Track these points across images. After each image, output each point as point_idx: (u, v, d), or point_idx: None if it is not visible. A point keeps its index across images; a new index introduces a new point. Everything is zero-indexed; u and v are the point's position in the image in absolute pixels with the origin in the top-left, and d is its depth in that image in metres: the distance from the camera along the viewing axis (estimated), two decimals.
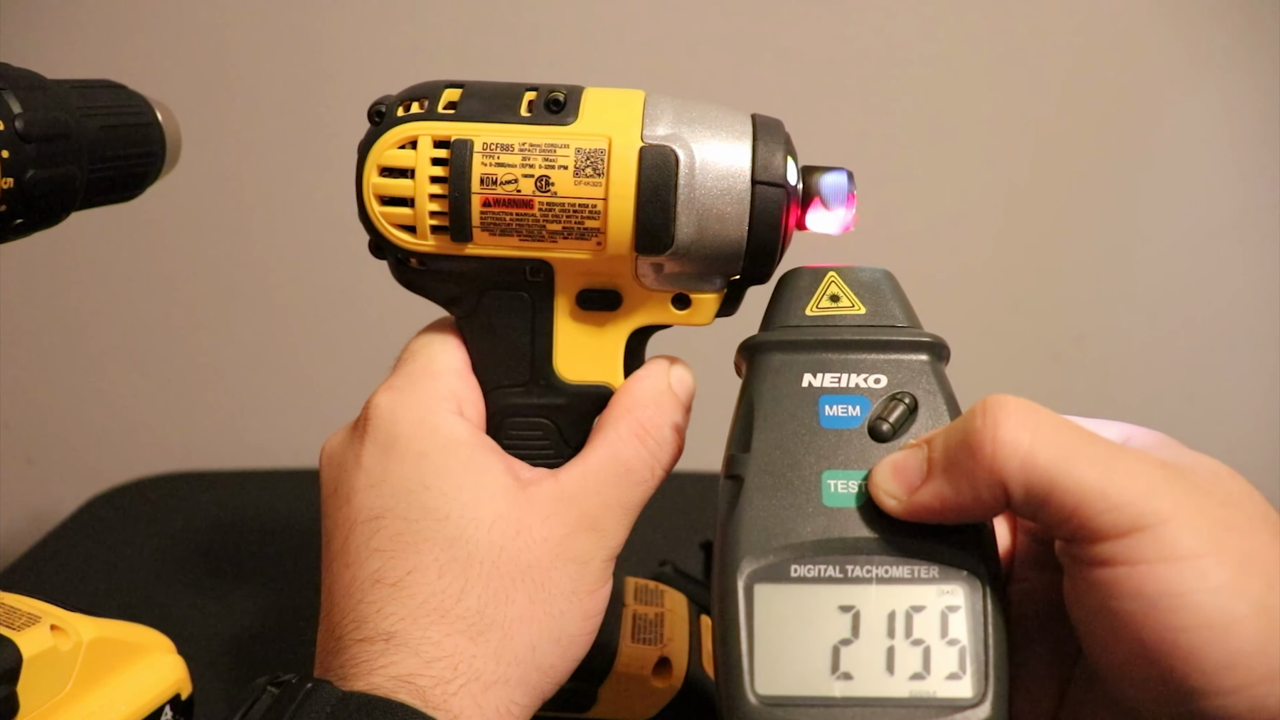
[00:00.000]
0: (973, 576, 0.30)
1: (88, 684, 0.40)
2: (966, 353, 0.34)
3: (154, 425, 0.87)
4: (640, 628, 0.45)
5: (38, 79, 0.37)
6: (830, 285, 0.35)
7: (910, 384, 0.32)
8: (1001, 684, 0.29)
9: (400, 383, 0.37)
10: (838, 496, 0.31)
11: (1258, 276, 0.81)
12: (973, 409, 0.29)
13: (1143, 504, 0.26)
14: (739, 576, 0.30)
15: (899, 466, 0.30)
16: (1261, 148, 0.77)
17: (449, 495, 0.34)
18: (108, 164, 0.40)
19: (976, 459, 0.28)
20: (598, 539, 0.35)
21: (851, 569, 0.30)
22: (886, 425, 0.32)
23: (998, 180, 0.79)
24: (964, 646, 0.29)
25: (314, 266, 0.81)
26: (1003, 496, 0.28)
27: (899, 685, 0.29)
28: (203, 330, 0.84)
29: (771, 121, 0.37)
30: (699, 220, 0.35)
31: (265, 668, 0.35)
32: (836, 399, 0.32)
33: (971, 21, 0.75)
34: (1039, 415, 0.28)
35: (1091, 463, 0.27)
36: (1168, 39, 0.75)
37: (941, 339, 0.33)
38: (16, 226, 0.36)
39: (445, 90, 0.36)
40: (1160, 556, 0.26)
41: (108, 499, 0.77)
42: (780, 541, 0.30)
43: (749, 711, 0.28)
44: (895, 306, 0.34)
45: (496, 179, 0.35)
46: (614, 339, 0.39)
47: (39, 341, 0.84)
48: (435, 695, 0.31)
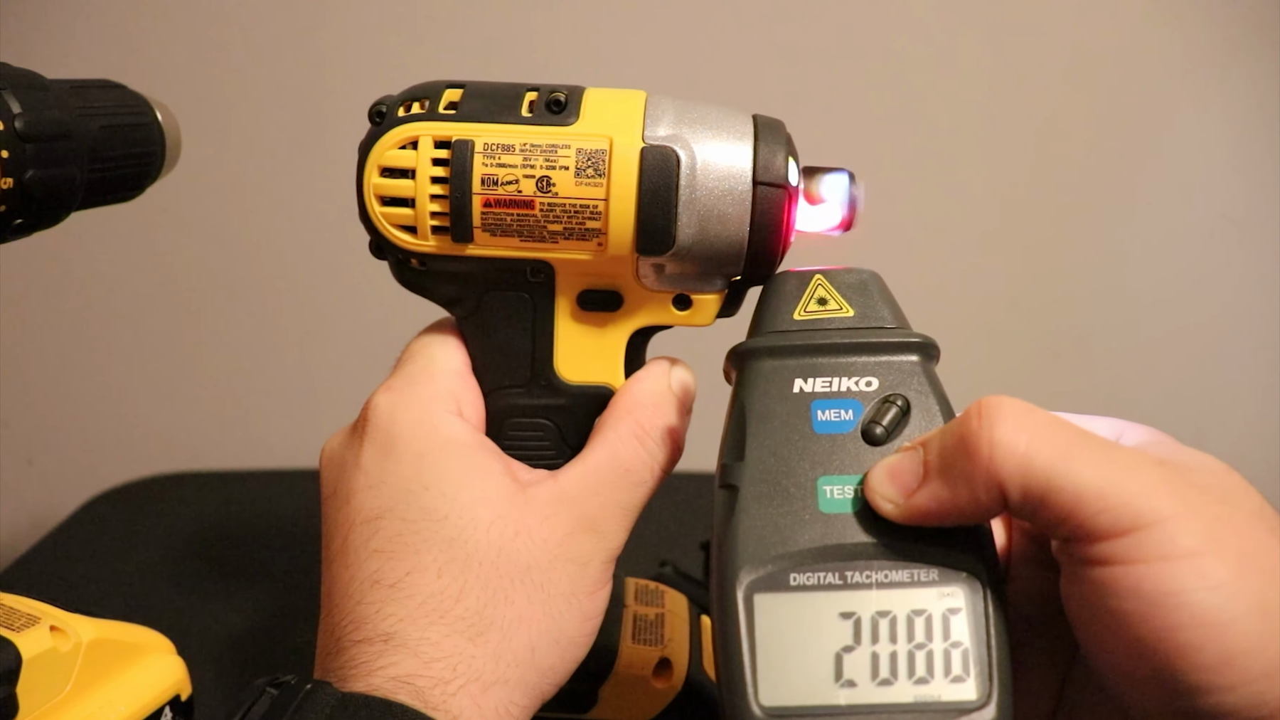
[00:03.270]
0: (972, 578, 0.29)
1: (87, 685, 0.40)
2: (965, 352, 0.34)
3: (154, 425, 0.87)
4: (641, 628, 0.45)
5: (37, 79, 0.37)
6: (818, 288, 0.35)
7: (902, 385, 0.32)
8: (1006, 685, 0.29)
9: (399, 383, 0.37)
10: (834, 502, 0.31)
11: (1257, 276, 0.81)
12: (968, 411, 0.29)
13: (1140, 503, 0.26)
14: (738, 587, 0.29)
15: (895, 470, 0.30)
16: (1261, 147, 0.77)
17: (447, 496, 0.34)
18: (107, 164, 0.40)
19: (973, 461, 0.28)
20: (597, 540, 0.35)
21: (851, 575, 0.30)
22: (880, 428, 0.31)
23: (997, 180, 0.79)
24: (967, 649, 0.29)
25: (314, 267, 0.81)
26: (1000, 498, 0.28)
27: (903, 690, 0.28)
28: (203, 330, 0.84)
29: (773, 122, 0.37)
30: (700, 221, 0.35)
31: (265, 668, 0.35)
32: (829, 404, 0.32)
33: (971, 22, 0.75)
34: (1035, 416, 0.28)
35: (1089, 462, 0.27)
36: (1167, 39, 0.75)
37: (931, 339, 0.33)
38: (16, 226, 0.36)
39: (446, 90, 0.36)
40: (1158, 555, 0.26)
41: (108, 499, 0.77)
42: (778, 550, 0.30)
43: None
44: (883, 308, 0.34)
45: (497, 179, 0.35)
46: (615, 340, 0.38)
47: (39, 341, 0.84)
48: (434, 696, 0.31)
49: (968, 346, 0.34)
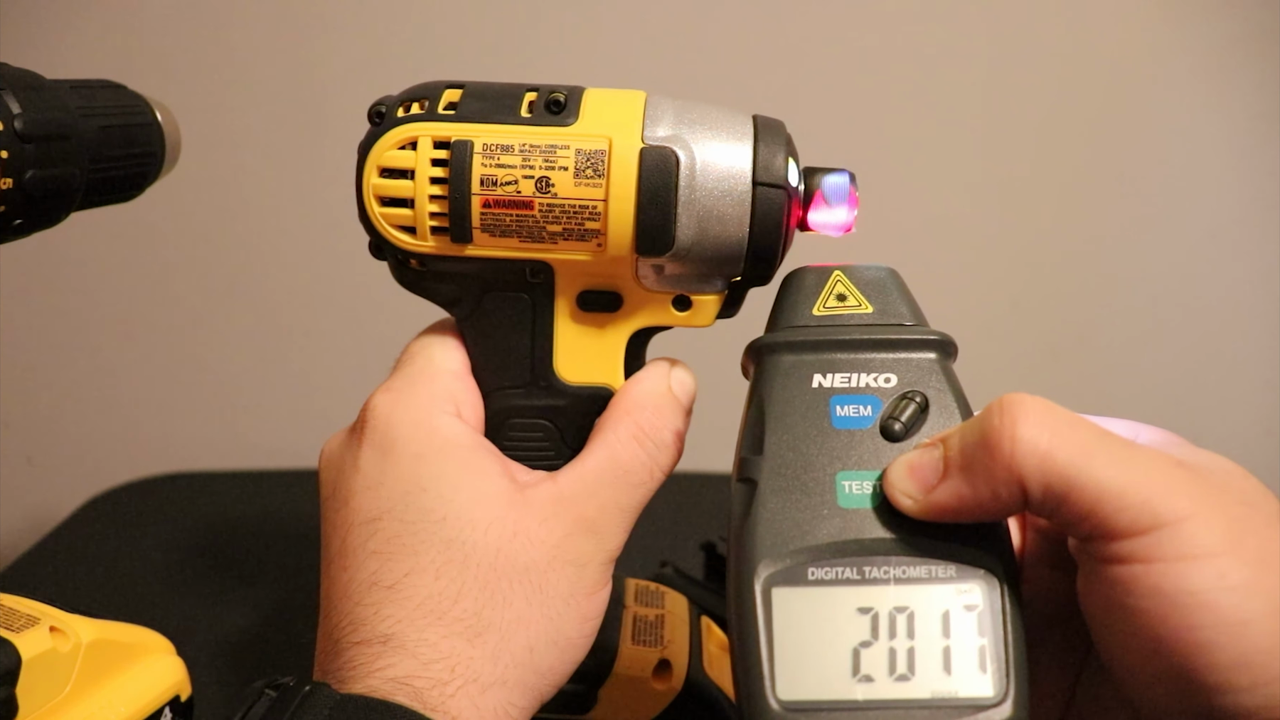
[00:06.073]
0: (990, 575, 0.29)
1: (87, 686, 0.40)
2: (967, 351, 0.34)
3: (154, 425, 0.87)
4: (640, 629, 0.45)
5: (37, 79, 0.37)
6: (837, 284, 0.35)
7: (920, 382, 0.32)
8: (1022, 682, 0.29)
9: (398, 384, 0.37)
10: (852, 497, 0.31)
11: (1258, 275, 0.81)
12: (989, 408, 0.29)
13: (1160, 502, 0.26)
14: (756, 581, 0.29)
15: (914, 466, 0.30)
16: (1262, 147, 0.77)
17: (445, 497, 0.34)
18: (107, 164, 0.40)
19: (994, 458, 0.28)
20: (596, 541, 0.35)
21: (869, 570, 0.30)
22: (899, 425, 0.31)
23: (998, 179, 0.79)
24: (984, 645, 0.29)
25: (314, 267, 0.81)
26: (1020, 495, 0.28)
27: (921, 686, 0.29)
28: (203, 330, 0.84)
29: (773, 122, 0.37)
30: (700, 222, 0.35)
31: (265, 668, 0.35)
32: (848, 399, 0.32)
33: (972, 21, 0.75)
34: (1056, 414, 0.28)
35: (1109, 461, 0.27)
36: (1168, 38, 0.75)
37: (949, 336, 0.33)
38: (16, 227, 0.36)
39: (445, 91, 0.36)
40: (1178, 554, 0.26)
41: (108, 499, 0.77)
42: (796, 544, 0.30)
43: (771, 717, 0.28)
44: (902, 304, 0.34)
45: (496, 180, 0.35)
46: (614, 340, 0.38)
47: (39, 341, 0.84)
48: (433, 697, 0.31)
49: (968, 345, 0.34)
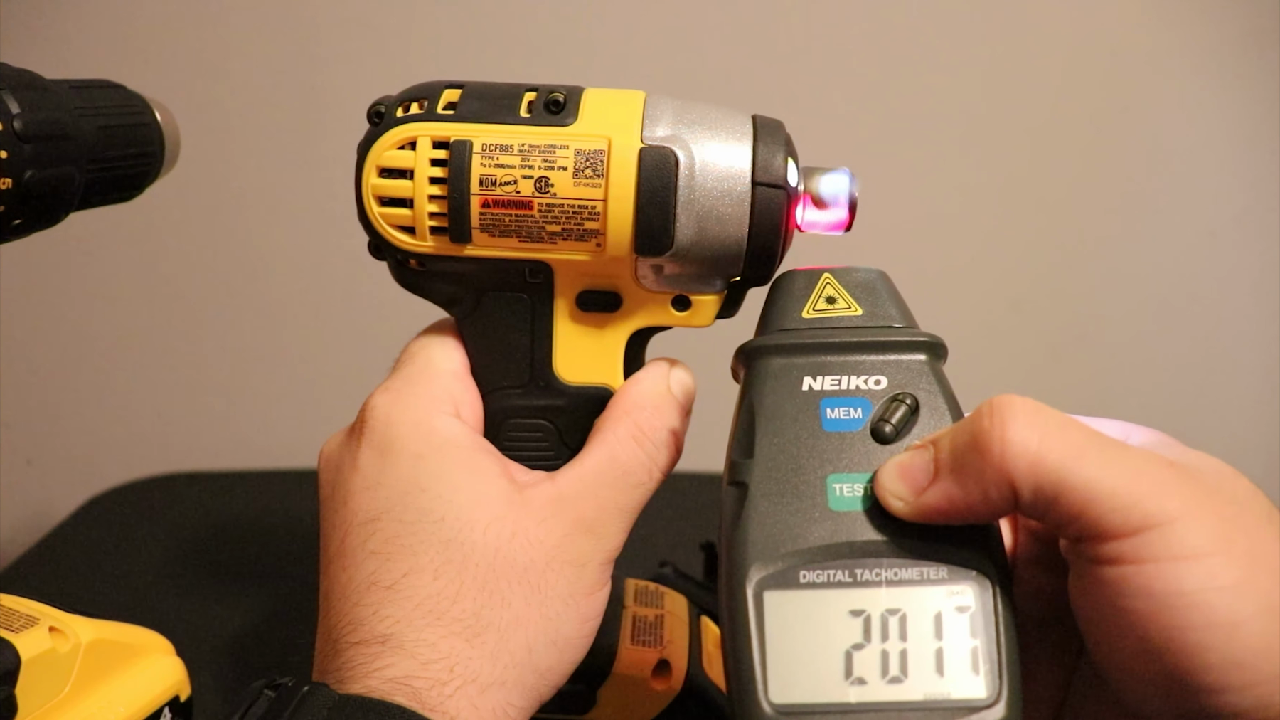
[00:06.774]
0: (981, 576, 0.29)
1: (86, 686, 0.40)
2: (966, 352, 0.34)
3: (154, 425, 0.87)
4: (640, 629, 0.45)
5: (36, 79, 0.37)
6: (826, 287, 0.35)
7: (910, 384, 0.32)
8: (1015, 683, 0.29)
9: (397, 384, 0.37)
10: (843, 500, 0.31)
11: (1258, 275, 0.81)
12: (979, 409, 0.29)
13: (1151, 503, 0.26)
14: (748, 584, 0.29)
15: (905, 468, 0.30)
16: (1261, 147, 0.77)
17: (444, 497, 0.34)
18: (106, 164, 0.40)
19: (985, 459, 0.28)
20: (595, 541, 0.35)
21: (860, 573, 0.30)
22: (889, 427, 0.31)
23: (998, 180, 0.79)
24: (976, 646, 0.29)
25: (313, 267, 0.81)
26: (1011, 497, 0.28)
27: (914, 688, 0.28)
28: (202, 330, 0.84)
29: (772, 122, 0.37)
30: (699, 222, 0.35)
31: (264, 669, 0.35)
32: (838, 402, 0.32)
33: (971, 21, 0.75)
34: (1046, 415, 0.28)
35: (1100, 462, 0.27)
36: (1168, 38, 0.75)
37: (939, 338, 0.33)
38: (15, 227, 0.36)
39: (445, 91, 0.36)
40: (1169, 555, 0.26)
41: (108, 499, 0.77)
42: (788, 547, 0.30)
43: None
44: (891, 307, 0.34)
45: (495, 180, 0.35)
46: (614, 340, 0.38)
47: (39, 341, 0.84)
48: (431, 697, 0.31)
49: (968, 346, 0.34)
